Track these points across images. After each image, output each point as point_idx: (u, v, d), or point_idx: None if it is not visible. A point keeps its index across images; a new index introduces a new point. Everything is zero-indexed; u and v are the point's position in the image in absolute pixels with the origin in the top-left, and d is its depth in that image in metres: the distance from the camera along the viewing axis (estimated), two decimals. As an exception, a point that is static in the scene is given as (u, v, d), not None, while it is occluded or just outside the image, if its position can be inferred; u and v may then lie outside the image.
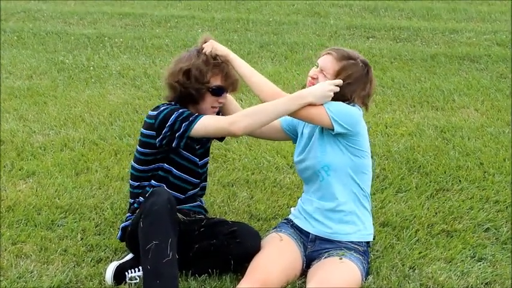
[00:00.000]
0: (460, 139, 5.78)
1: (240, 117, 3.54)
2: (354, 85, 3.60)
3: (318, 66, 3.66)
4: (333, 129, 3.51)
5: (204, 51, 3.71)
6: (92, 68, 8.27)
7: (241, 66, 3.70)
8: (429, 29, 10.67)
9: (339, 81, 3.55)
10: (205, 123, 3.54)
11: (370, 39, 10.15)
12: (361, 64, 3.66)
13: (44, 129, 6.02)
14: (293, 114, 3.57)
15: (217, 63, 3.68)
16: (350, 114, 3.54)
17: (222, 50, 3.72)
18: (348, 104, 3.59)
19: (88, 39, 9.88)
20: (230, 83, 3.75)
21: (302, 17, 11.73)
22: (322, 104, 3.50)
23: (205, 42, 3.76)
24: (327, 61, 3.64)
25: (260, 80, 3.67)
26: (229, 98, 3.89)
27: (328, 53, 3.68)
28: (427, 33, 10.44)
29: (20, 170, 5.10)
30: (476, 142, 5.72)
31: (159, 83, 7.53)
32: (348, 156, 3.59)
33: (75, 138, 5.77)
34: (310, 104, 3.49)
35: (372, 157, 3.79)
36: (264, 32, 10.56)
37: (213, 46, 3.71)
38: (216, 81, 3.69)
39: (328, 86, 3.52)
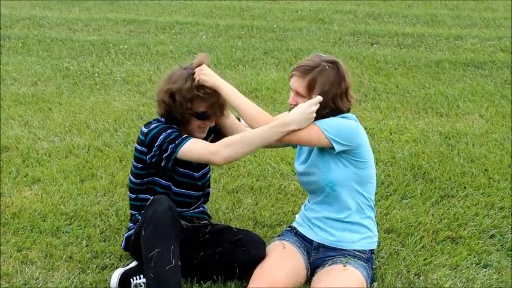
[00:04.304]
0: (465, 145, 5.78)
1: (222, 146, 3.49)
2: (330, 91, 3.50)
3: (292, 90, 3.59)
4: (333, 149, 3.49)
5: (194, 77, 3.63)
6: (96, 74, 8.29)
7: (230, 94, 3.60)
8: (433, 35, 10.68)
9: (318, 99, 3.46)
10: (190, 149, 3.52)
11: (374, 45, 10.16)
12: (327, 66, 3.53)
13: (49, 136, 6.03)
14: (290, 141, 3.53)
15: (201, 96, 3.62)
16: (347, 129, 3.49)
17: (209, 80, 3.60)
18: (342, 117, 3.54)
19: (93, 46, 9.90)
20: (214, 112, 3.70)
21: (306, 23, 11.74)
22: (317, 126, 3.45)
23: (199, 65, 3.66)
24: (294, 82, 3.56)
25: (251, 109, 3.59)
26: (232, 118, 3.87)
27: (292, 75, 3.58)
28: (431, 39, 10.44)
29: (25, 176, 5.11)
30: (481, 148, 5.72)
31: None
32: (352, 170, 3.56)
33: (80, 144, 5.78)
34: (294, 130, 3.44)
35: (376, 163, 3.78)
36: (269, 38, 10.57)
37: (200, 78, 3.60)
38: (201, 108, 3.66)
39: (308, 107, 3.44)
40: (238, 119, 3.93)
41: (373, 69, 8.58)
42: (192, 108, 3.64)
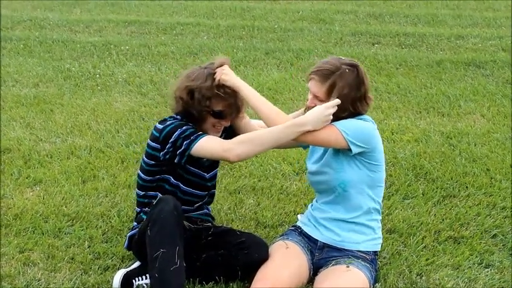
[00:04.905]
0: (467, 145, 5.78)
1: (235, 144, 3.49)
2: (349, 94, 3.51)
3: (310, 92, 3.59)
4: (350, 150, 3.49)
5: (214, 76, 3.66)
6: (98, 75, 8.29)
7: (249, 95, 3.62)
8: (434, 35, 10.67)
9: (336, 102, 3.45)
10: (204, 145, 3.53)
11: (376, 45, 10.16)
12: (347, 69, 3.53)
13: (51, 137, 6.03)
14: (308, 142, 3.54)
15: (220, 95, 3.64)
16: (365, 132, 3.51)
17: (230, 80, 3.63)
18: (359, 118, 3.55)
19: (94, 47, 9.91)
20: (231, 112, 3.71)
21: (307, 23, 11.73)
22: (336, 127, 3.45)
23: (220, 66, 3.69)
24: (313, 87, 3.56)
25: (269, 110, 3.60)
26: (246, 119, 3.87)
27: (311, 78, 3.58)
28: (433, 39, 10.43)
29: (27, 178, 5.11)
30: (483, 148, 5.72)
31: (165, 90, 7.54)
32: (364, 172, 3.57)
33: (82, 146, 5.78)
34: (313, 131, 3.44)
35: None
36: (270, 38, 10.57)
37: (221, 77, 3.63)
38: (218, 107, 3.67)
39: (325, 109, 3.44)
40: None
41: (374, 69, 8.58)
42: (210, 106, 3.65)
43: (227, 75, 3.64)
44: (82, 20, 11.98)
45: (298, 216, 4.07)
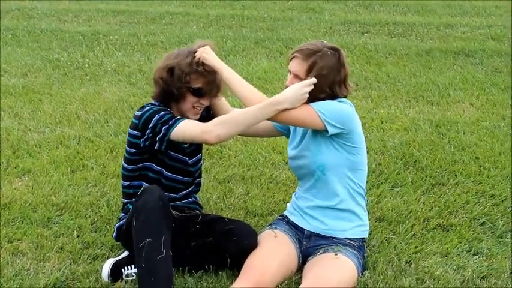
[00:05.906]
0: (456, 133, 5.79)
1: (214, 126, 3.48)
2: (329, 76, 3.51)
3: (291, 72, 3.60)
4: (327, 131, 3.49)
5: (195, 54, 3.68)
6: (86, 65, 8.26)
7: (230, 78, 3.61)
8: (424, 24, 10.69)
9: (312, 80, 3.46)
10: (183, 129, 3.52)
11: (365, 34, 10.16)
12: (328, 52, 3.55)
13: (39, 127, 6.01)
14: (284, 121, 3.53)
15: (200, 71, 3.65)
16: (342, 113, 3.50)
17: (210, 60, 3.63)
18: (338, 101, 3.56)
19: (83, 37, 9.87)
20: (210, 89, 3.71)
21: (297, 13, 11.73)
22: (313, 108, 3.45)
23: (203, 46, 3.71)
24: (296, 64, 3.57)
25: (248, 92, 3.58)
26: (222, 100, 3.88)
27: (294, 57, 3.59)
28: (422, 28, 10.45)
29: (15, 168, 5.09)
30: (472, 136, 5.73)
31: (154, 79, 7.52)
32: (343, 154, 3.56)
33: (71, 135, 5.76)
34: (287, 109, 3.44)
35: (367, 152, 3.78)
36: (259, 28, 10.56)
37: (202, 55, 3.64)
38: (197, 84, 3.67)
39: (302, 88, 3.44)
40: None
41: (364, 58, 8.58)
42: (189, 82, 3.65)
43: (208, 55, 3.65)
44: (71, 10, 11.93)
45: (287, 205, 4.07)
